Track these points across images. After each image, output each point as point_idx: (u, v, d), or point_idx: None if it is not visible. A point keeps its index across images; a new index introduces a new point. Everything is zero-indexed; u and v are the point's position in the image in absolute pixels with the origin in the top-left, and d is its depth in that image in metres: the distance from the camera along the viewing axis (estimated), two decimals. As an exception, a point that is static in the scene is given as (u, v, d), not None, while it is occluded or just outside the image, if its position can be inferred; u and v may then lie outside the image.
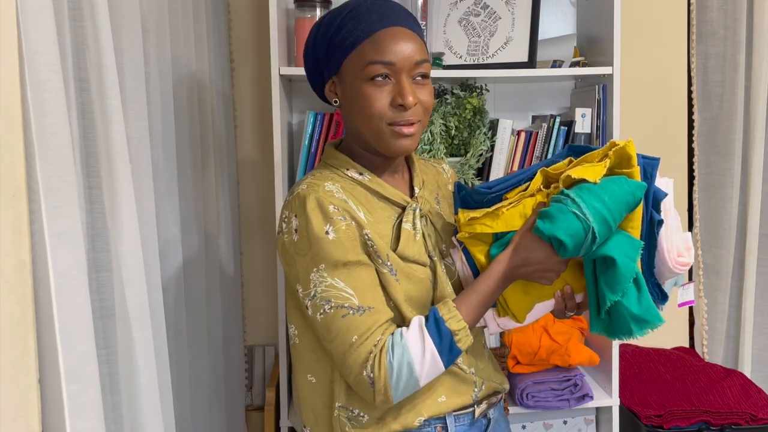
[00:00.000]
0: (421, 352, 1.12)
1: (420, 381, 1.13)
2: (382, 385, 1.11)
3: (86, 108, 1.04)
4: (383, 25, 1.17)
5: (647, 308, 1.14)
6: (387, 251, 1.18)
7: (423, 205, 1.26)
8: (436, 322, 1.14)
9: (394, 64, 1.16)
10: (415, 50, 1.17)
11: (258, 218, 2.28)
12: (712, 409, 1.94)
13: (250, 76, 2.25)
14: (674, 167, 2.36)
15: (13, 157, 0.81)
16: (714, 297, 2.35)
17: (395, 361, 1.11)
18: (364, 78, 1.17)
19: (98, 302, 1.07)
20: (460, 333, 1.14)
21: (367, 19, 1.18)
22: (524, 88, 2.22)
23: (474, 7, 2.00)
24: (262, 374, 2.31)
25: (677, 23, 2.34)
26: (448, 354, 1.14)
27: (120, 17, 1.14)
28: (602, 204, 1.11)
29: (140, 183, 1.20)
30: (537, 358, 1.98)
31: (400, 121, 1.17)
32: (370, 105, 1.16)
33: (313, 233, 1.13)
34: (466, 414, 1.26)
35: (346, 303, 1.13)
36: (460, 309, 1.16)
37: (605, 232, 1.11)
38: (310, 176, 1.22)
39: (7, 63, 0.80)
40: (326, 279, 1.14)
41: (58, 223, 0.87)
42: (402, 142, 1.18)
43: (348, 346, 1.12)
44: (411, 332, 1.13)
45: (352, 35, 1.18)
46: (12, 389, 0.81)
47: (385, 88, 1.17)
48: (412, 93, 1.16)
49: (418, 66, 1.18)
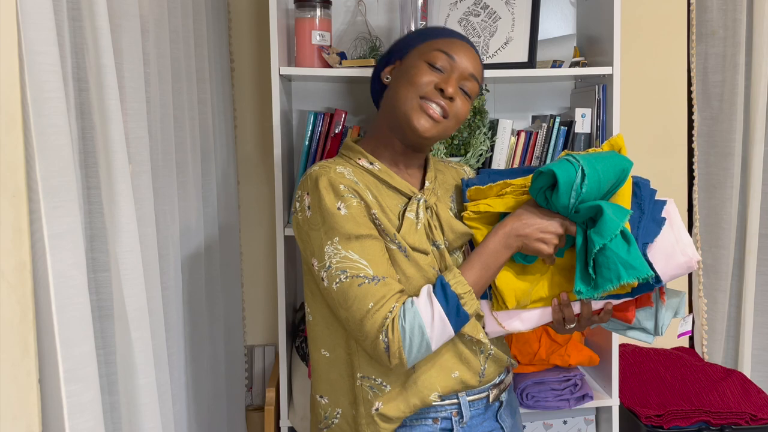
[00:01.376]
0: (430, 315, 1.19)
1: (432, 343, 1.20)
2: (396, 348, 1.18)
3: (85, 108, 1.04)
4: (458, 37, 1.36)
5: (636, 257, 1.19)
6: (394, 231, 1.26)
7: (429, 198, 1.35)
8: (443, 287, 1.22)
9: (455, 60, 1.30)
10: (473, 66, 1.32)
11: (258, 218, 2.28)
12: (712, 409, 1.94)
13: (250, 76, 2.25)
14: (674, 167, 2.36)
15: (13, 157, 0.82)
16: (714, 297, 2.35)
17: (407, 325, 1.18)
18: (426, 60, 1.30)
19: (96, 302, 1.07)
20: (466, 296, 1.23)
21: (446, 30, 1.38)
22: (524, 88, 2.22)
23: (474, 7, 2.00)
24: (262, 374, 2.31)
25: (677, 23, 2.34)
26: (455, 317, 1.21)
27: (119, 17, 1.14)
28: (591, 161, 1.22)
29: (139, 183, 1.20)
30: (537, 358, 1.98)
31: (432, 100, 1.28)
32: (418, 76, 1.29)
33: (326, 209, 1.23)
34: (480, 399, 1.34)
35: (361, 273, 1.20)
36: (465, 274, 1.25)
37: (593, 181, 1.20)
38: (323, 161, 1.32)
39: (7, 63, 0.80)
40: (340, 251, 1.22)
41: (57, 224, 0.87)
42: (423, 120, 1.28)
43: (365, 312, 1.19)
44: (421, 298, 1.21)
45: (432, 33, 1.37)
46: (12, 389, 0.81)
47: (435, 73, 1.30)
48: (455, 89, 1.29)
49: (469, 78, 1.32)
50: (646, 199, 1.30)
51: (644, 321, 1.35)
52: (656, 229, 1.27)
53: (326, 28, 1.95)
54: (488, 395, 1.35)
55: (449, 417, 1.31)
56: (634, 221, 1.27)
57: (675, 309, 1.34)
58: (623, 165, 1.24)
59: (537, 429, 2.05)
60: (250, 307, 2.31)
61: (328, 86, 2.16)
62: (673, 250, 1.25)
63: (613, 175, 1.23)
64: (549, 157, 1.95)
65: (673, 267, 1.26)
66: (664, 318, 1.33)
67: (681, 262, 1.25)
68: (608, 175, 1.22)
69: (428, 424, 1.31)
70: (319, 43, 1.93)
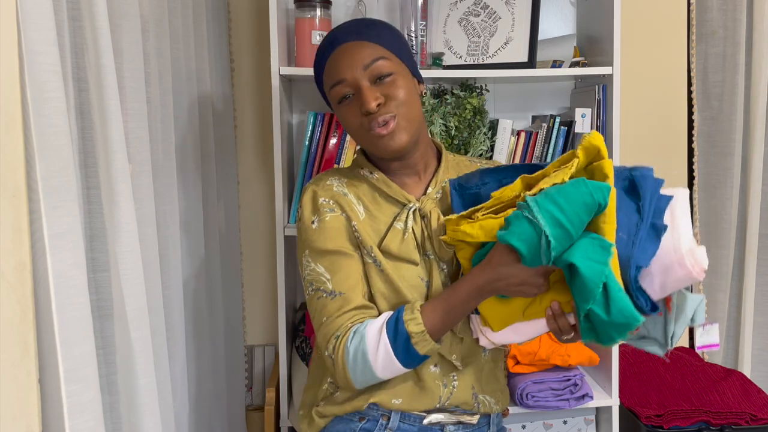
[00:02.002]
0: (375, 345, 1.18)
1: (376, 372, 1.19)
2: (341, 367, 1.20)
3: (85, 108, 1.04)
4: (330, 51, 1.27)
5: (619, 311, 1.07)
6: (371, 244, 1.25)
7: (425, 205, 1.28)
8: (396, 321, 1.19)
9: (345, 79, 1.24)
10: (361, 57, 1.23)
11: (258, 218, 2.28)
12: (711, 409, 1.94)
13: (250, 76, 2.25)
14: (674, 167, 2.36)
15: (13, 157, 0.81)
16: (714, 297, 2.35)
17: (352, 347, 1.19)
18: (336, 103, 1.27)
19: (96, 302, 1.07)
20: (417, 336, 1.17)
21: (320, 53, 1.30)
22: (524, 88, 2.22)
23: (474, 7, 2.00)
24: (262, 374, 2.31)
25: (677, 23, 2.34)
26: (404, 354, 1.17)
27: (119, 17, 1.14)
28: (556, 206, 1.08)
29: (140, 183, 1.20)
30: (537, 358, 1.98)
31: (374, 125, 1.23)
32: (348, 125, 1.27)
33: (303, 222, 1.29)
34: (416, 415, 1.28)
35: (322, 286, 1.24)
36: (425, 313, 1.19)
37: (561, 236, 1.08)
38: (324, 173, 1.36)
39: (7, 63, 0.80)
40: (310, 264, 1.26)
41: (57, 224, 0.87)
42: (384, 142, 1.24)
43: (318, 325, 1.24)
44: (374, 325, 1.20)
45: (318, 72, 1.31)
46: (12, 389, 0.81)
47: (353, 104, 1.25)
48: (373, 97, 1.22)
49: (369, 69, 1.23)
50: (647, 199, 1.14)
51: (652, 331, 1.20)
52: (654, 243, 1.12)
53: (326, 28, 1.95)
54: (422, 416, 1.29)
55: (377, 419, 1.29)
56: (631, 232, 1.13)
57: (690, 315, 1.17)
58: (597, 197, 1.09)
59: (537, 429, 2.05)
60: (250, 307, 2.31)
61: (328, 86, 2.16)
62: (671, 262, 1.11)
63: (586, 213, 1.09)
64: (549, 157, 1.95)
65: (673, 281, 1.12)
66: (675, 327, 1.18)
67: (680, 276, 1.11)
68: (580, 217, 1.09)
69: (354, 420, 1.30)
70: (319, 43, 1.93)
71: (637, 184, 1.17)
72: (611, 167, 1.14)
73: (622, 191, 1.18)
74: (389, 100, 1.22)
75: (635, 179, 1.17)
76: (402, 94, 1.23)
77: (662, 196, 1.16)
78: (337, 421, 1.31)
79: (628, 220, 1.14)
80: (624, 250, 1.12)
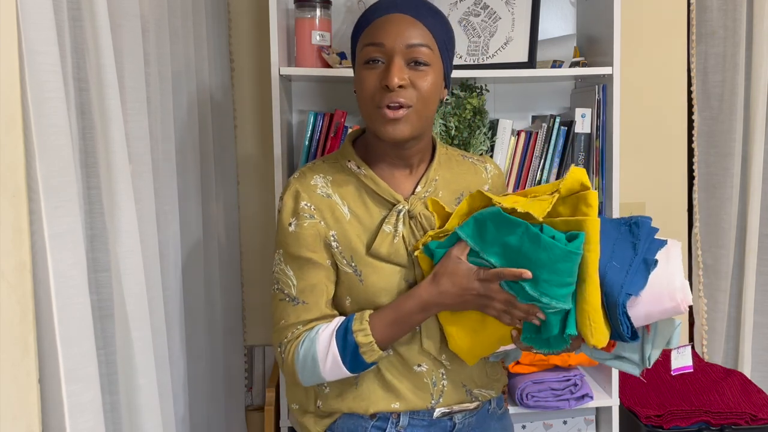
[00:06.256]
0: (325, 351, 1.20)
1: (324, 376, 1.22)
2: (290, 365, 1.23)
3: (85, 108, 1.04)
4: (382, 13, 1.22)
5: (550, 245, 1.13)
6: (352, 253, 1.24)
7: (414, 206, 1.26)
8: (345, 331, 1.20)
9: (383, 45, 1.19)
10: (409, 35, 1.18)
11: (258, 218, 2.28)
12: (711, 409, 1.94)
13: (250, 76, 2.25)
14: (674, 167, 2.36)
15: (13, 157, 0.81)
16: (714, 297, 2.35)
17: (302, 351, 1.22)
18: (361, 62, 1.22)
19: (97, 302, 1.07)
20: (365, 347, 1.19)
21: (372, 10, 1.24)
22: (524, 88, 2.22)
23: (474, 7, 2.00)
24: (262, 374, 2.31)
25: (677, 23, 2.34)
26: (352, 362, 1.20)
27: (119, 17, 1.14)
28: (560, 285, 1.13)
29: (140, 183, 1.20)
30: (537, 357, 1.98)
31: (386, 103, 1.18)
32: (362, 88, 1.21)
33: (281, 220, 1.27)
34: (425, 410, 1.29)
35: (286, 289, 1.25)
36: (374, 324, 1.20)
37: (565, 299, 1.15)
38: (313, 162, 1.32)
39: (7, 63, 0.80)
40: (281, 263, 1.27)
41: (58, 224, 0.87)
42: (388, 127, 1.19)
43: (275, 324, 1.26)
44: (326, 330, 1.22)
45: (359, 26, 1.26)
46: (12, 389, 0.81)
47: (376, 70, 1.20)
48: (400, 75, 1.17)
49: (412, 50, 1.18)
50: (642, 239, 1.22)
51: (626, 352, 1.28)
52: (644, 276, 1.18)
53: (326, 28, 1.95)
54: (432, 411, 1.30)
55: (387, 417, 1.29)
56: (624, 263, 1.19)
57: (666, 339, 1.25)
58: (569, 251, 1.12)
59: (537, 429, 2.05)
60: (250, 307, 2.31)
61: (328, 86, 2.16)
62: (661, 293, 1.17)
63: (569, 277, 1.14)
64: (549, 157, 1.95)
65: (659, 312, 1.19)
66: (651, 350, 1.26)
67: (667, 308, 1.18)
68: (569, 272, 1.13)
69: (365, 417, 1.29)
70: (319, 43, 1.93)
71: (635, 226, 1.25)
72: (595, 198, 1.18)
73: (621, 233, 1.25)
74: (412, 88, 1.18)
75: (635, 224, 1.25)
76: (426, 88, 1.19)
77: (657, 239, 1.24)
78: (347, 417, 1.30)
79: (623, 254, 1.21)
80: (616, 277, 1.17)
